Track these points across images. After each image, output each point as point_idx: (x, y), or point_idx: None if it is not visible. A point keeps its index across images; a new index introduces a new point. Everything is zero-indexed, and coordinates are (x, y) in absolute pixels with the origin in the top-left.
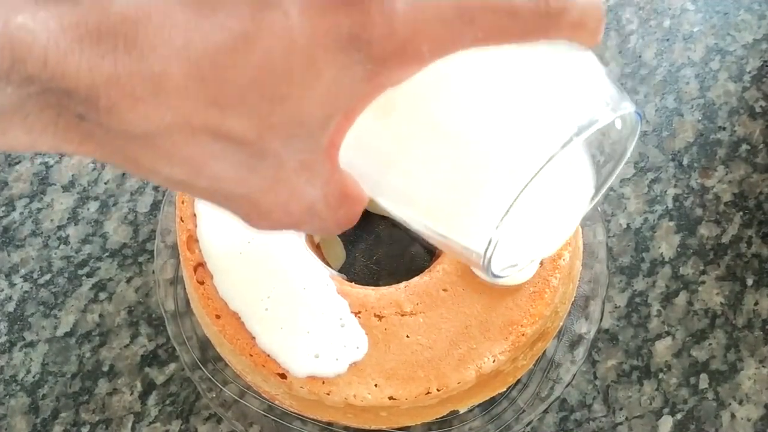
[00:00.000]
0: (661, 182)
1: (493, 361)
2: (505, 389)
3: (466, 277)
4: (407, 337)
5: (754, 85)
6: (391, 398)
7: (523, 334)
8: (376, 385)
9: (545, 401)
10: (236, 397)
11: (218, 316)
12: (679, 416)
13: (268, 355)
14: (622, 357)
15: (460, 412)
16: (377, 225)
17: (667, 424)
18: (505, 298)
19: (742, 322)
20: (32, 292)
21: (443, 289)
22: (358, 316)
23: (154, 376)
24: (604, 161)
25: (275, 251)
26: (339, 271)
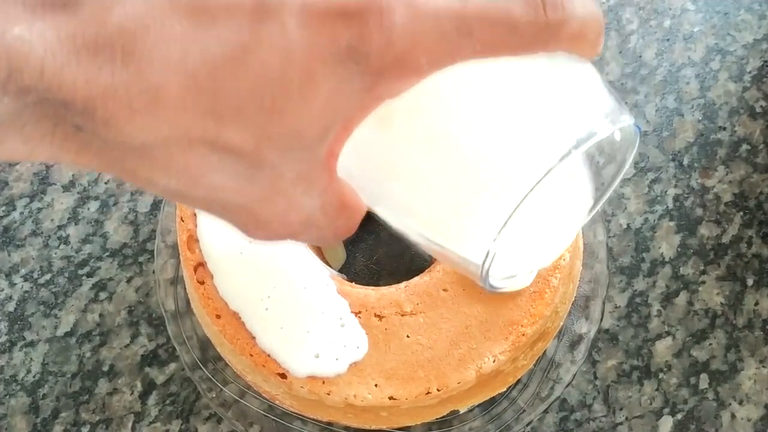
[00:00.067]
0: (662, 182)
1: (494, 361)
2: (505, 389)
3: (466, 277)
4: (407, 337)
5: (755, 85)
6: (391, 398)
7: (524, 334)
8: (377, 385)
9: (545, 401)
10: (236, 397)
11: (218, 316)
12: (680, 416)
13: (268, 355)
14: (622, 357)
15: (460, 412)
16: (377, 225)
17: (667, 424)
18: (505, 299)
19: (742, 322)
20: (32, 292)
21: (443, 289)
22: (359, 316)
23: (154, 376)
24: (602, 172)
25: (275, 251)
26: (339, 271)
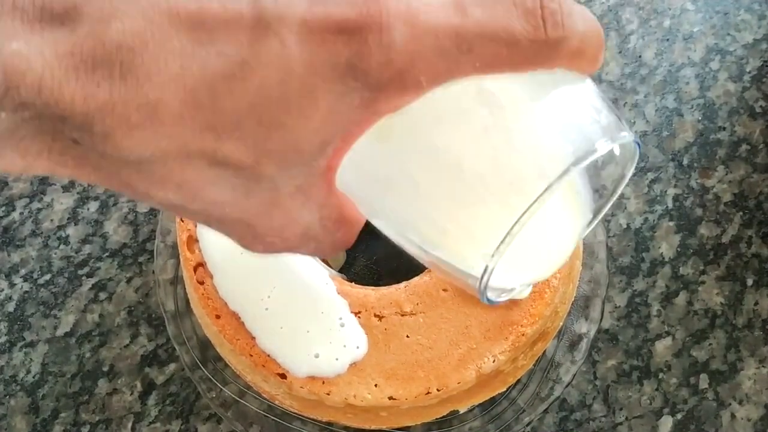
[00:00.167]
0: (661, 182)
1: (493, 361)
2: (505, 389)
3: None
4: (407, 337)
5: (754, 85)
6: (391, 398)
7: (523, 334)
8: (376, 385)
9: (545, 401)
10: (236, 397)
11: (218, 316)
12: (679, 416)
13: (268, 355)
14: (622, 357)
15: (460, 412)
16: None
17: (667, 424)
18: None
19: (742, 322)
20: (32, 292)
21: (443, 289)
22: (358, 316)
23: (154, 376)
24: (601, 186)
25: None
26: (339, 271)
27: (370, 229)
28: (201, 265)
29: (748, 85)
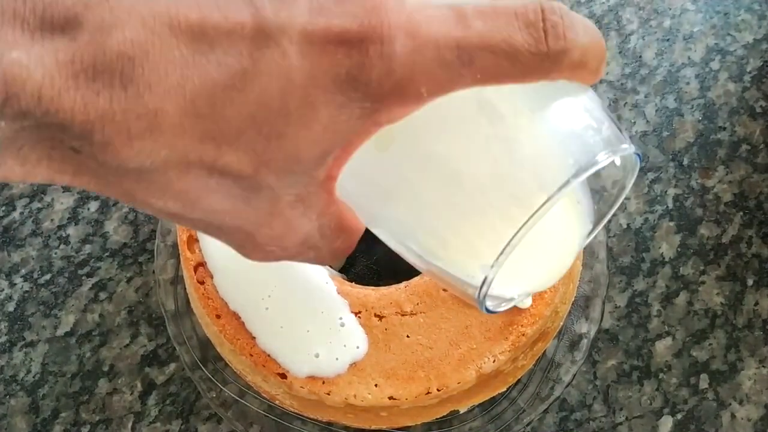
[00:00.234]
0: (662, 182)
1: (493, 361)
2: (505, 389)
3: None
4: (407, 337)
5: (755, 85)
6: (391, 398)
7: (523, 334)
8: (376, 385)
9: (545, 401)
10: (236, 397)
11: (218, 316)
12: (679, 416)
13: (268, 355)
14: (622, 357)
15: (460, 412)
16: None
17: (667, 424)
18: None
19: (742, 322)
20: (32, 292)
21: (443, 289)
22: (358, 316)
23: (154, 376)
24: (601, 197)
25: None
26: (339, 271)
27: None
28: (201, 265)
29: (748, 85)
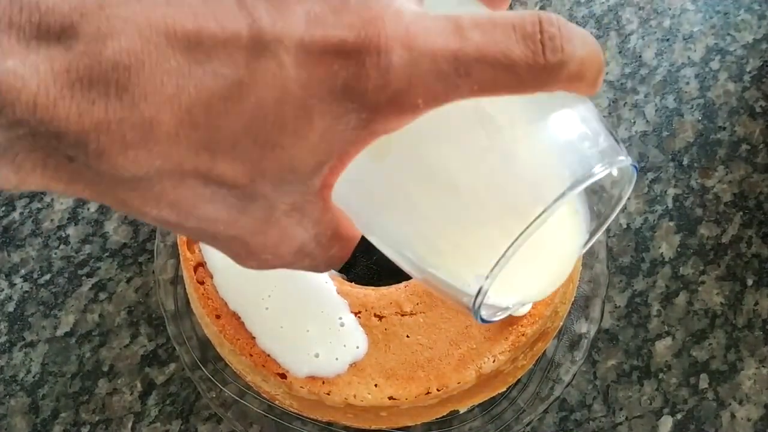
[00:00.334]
0: (661, 182)
1: (493, 361)
2: (505, 389)
3: None
4: (407, 337)
5: (754, 85)
6: (391, 398)
7: (523, 334)
8: (376, 385)
9: (545, 401)
10: (236, 397)
11: (218, 316)
12: (679, 416)
13: (268, 355)
14: (622, 357)
15: (460, 412)
16: None
17: (667, 424)
18: None
19: (742, 322)
20: (32, 292)
21: None
22: (358, 316)
23: (154, 376)
24: (598, 208)
25: None
26: (339, 271)
27: None
28: (201, 265)
29: (748, 85)
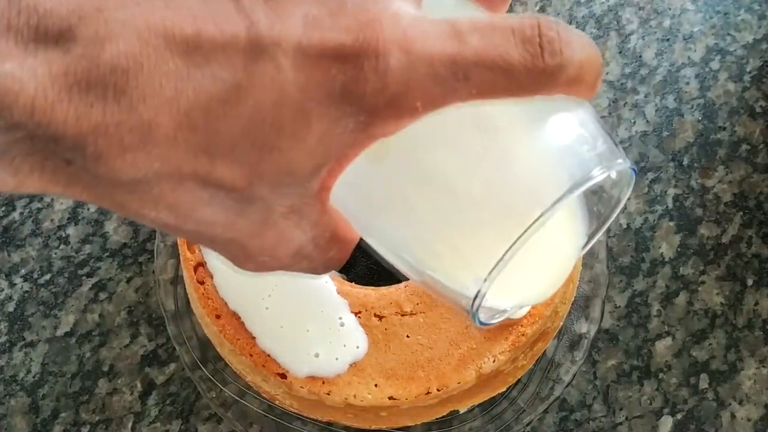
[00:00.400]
0: (661, 182)
1: (493, 361)
2: (505, 389)
3: None
4: (407, 337)
5: (754, 85)
6: (391, 398)
7: (523, 334)
8: (376, 385)
9: (545, 401)
10: (236, 397)
11: (218, 316)
12: (679, 416)
13: (268, 355)
14: (622, 357)
15: (460, 412)
16: None
17: (667, 424)
18: None
19: (742, 322)
20: (32, 292)
21: None
22: (358, 316)
23: (154, 376)
24: (597, 210)
25: None
26: (339, 271)
27: None
28: (201, 265)
29: (748, 85)
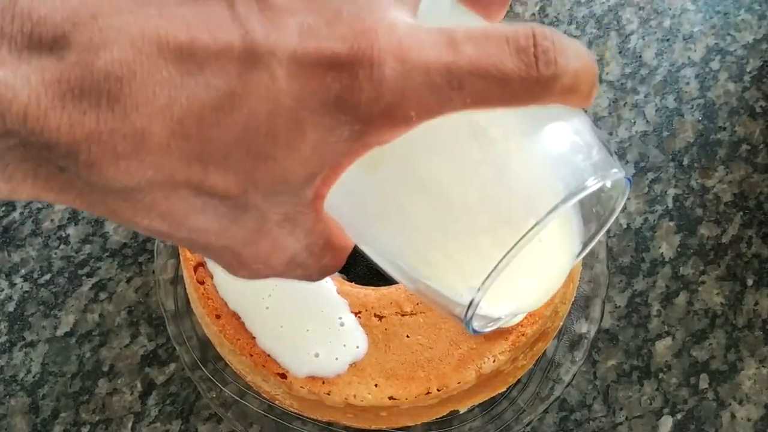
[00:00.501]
0: (661, 182)
1: (493, 361)
2: (505, 389)
3: None
4: (407, 337)
5: (754, 85)
6: (391, 398)
7: (523, 334)
8: (376, 385)
9: (545, 401)
10: (236, 397)
11: (218, 316)
12: (679, 416)
13: (268, 355)
14: (622, 357)
15: (460, 412)
16: None
17: (667, 424)
18: None
19: (742, 322)
20: (32, 292)
21: None
22: (358, 316)
23: (154, 376)
24: (595, 212)
25: None
26: (339, 271)
27: None
28: (201, 265)
29: (748, 85)
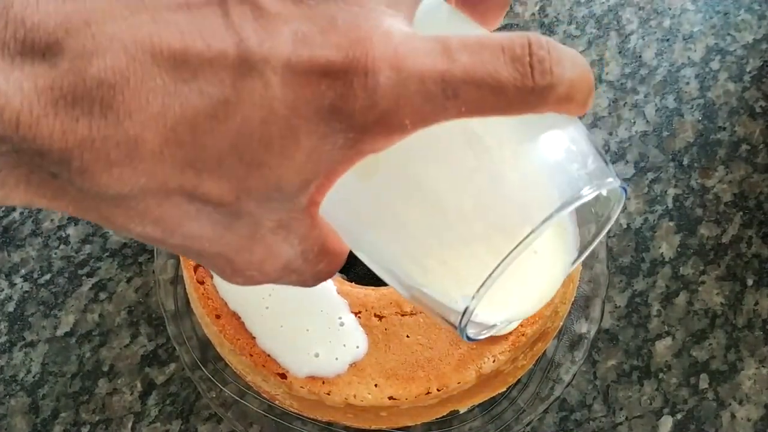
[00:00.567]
0: (661, 182)
1: (493, 361)
2: (505, 389)
3: None
4: (407, 337)
5: (754, 85)
6: (391, 398)
7: (523, 334)
8: (376, 385)
9: (545, 401)
10: (236, 397)
11: (218, 316)
12: (679, 416)
13: (268, 355)
14: (622, 357)
15: (460, 412)
16: None
17: (667, 424)
18: None
19: (742, 322)
20: (32, 292)
21: None
22: (358, 316)
23: (154, 376)
24: (594, 212)
25: None
26: (339, 271)
27: None
28: (201, 265)
29: (748, 85)
